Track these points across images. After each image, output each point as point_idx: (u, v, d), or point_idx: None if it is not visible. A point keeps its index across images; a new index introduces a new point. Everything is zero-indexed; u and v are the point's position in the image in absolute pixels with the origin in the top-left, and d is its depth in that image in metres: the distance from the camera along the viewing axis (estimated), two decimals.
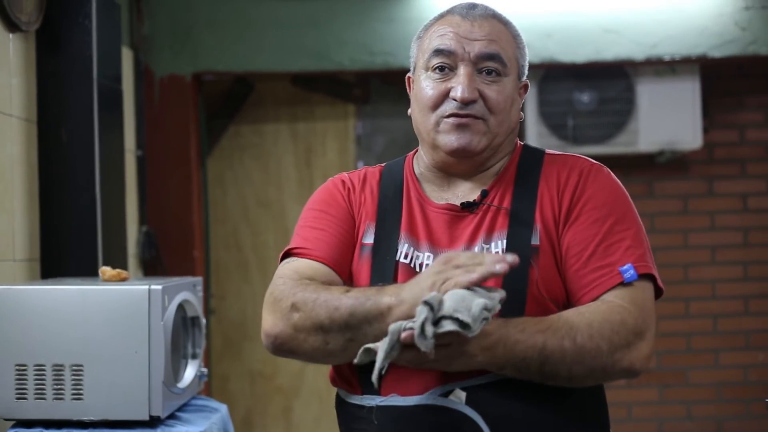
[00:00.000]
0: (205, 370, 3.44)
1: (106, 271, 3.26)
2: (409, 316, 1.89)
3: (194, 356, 3.40)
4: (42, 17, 3.81)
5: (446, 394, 2.06)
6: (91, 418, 3.03)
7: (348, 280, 2.21)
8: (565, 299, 2.13)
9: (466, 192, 2.27)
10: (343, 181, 2.36)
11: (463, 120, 2.21)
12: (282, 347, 2.09)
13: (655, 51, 5.16)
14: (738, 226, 5.67)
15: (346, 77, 5.57)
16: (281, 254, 2.27)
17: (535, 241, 2.16)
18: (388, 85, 5.62)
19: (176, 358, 3.22)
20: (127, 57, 4.81)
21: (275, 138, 5.64)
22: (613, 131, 5.36)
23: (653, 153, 5.49)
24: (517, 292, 2.08)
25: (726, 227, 5.67)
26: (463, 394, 2.05)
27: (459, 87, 2.20)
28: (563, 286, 2.14)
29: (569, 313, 2.04)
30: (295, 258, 2.22)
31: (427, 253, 2.21)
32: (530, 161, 2.30)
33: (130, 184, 4.69)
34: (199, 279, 3.52)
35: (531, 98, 5.33)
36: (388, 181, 2.35)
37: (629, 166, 5.57)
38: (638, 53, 5.16)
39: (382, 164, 2.42)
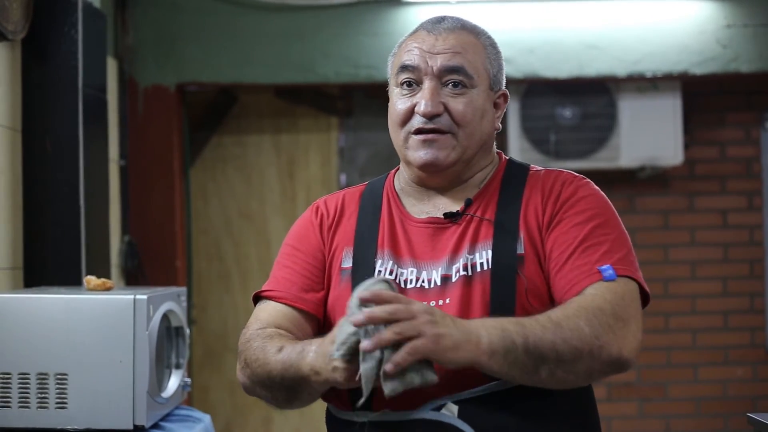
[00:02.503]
0: (188, 380, 3.43)
1: (90, 280, 3.25)
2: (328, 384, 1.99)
3: (178, 366, 3.39)
4: (28, 27, 3.81)
5: (439, 408, 2.05)
6: (76, 427, 3.02)
7: (322, 312, 2.27)
8: (551, 305, 2.13)
9: (446, 205, 2.27)
10: (318, 209, 2.37)
11: (429, 136, 2.21)
12: (248, 394, 2.24)
13: (637, 67, 5.19)
14: (718, 241, 5.70)
15: (329, 90, 5.59)
16: (253, 295, 2.35)
17: (520, 249, 2.15)
18: (371, 99, 5.64)
19: (160, 368, 3.22)
20: (112, 67, 4.81)
21: (258, 150, 5.65)
22: (595, 147, 5.39)
23: (634, 168, 5.52)
24: (505, 302, 2.10)
25: (706, 243, 5.70)
26: (455, 408, 2.05)
27: (422, 101, 2.20)
28: (548, 291, 2.15)
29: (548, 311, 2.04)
30: (265, 301, 2.30)
31: (410, 269, 2.21)
32: (515, 174, 2.30)
33: (113, 194, 4.69)
34: (183, 289, 3.52)
35: (513, 113, 5.35)
36: (367, 202, 2.35)
37: (611, 181, 5.59)
38: (620, 69, 5.20)
39: (365, 183, 2.43)
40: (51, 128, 3.89)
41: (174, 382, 3.35)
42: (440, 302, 2.14)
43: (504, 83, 2.33)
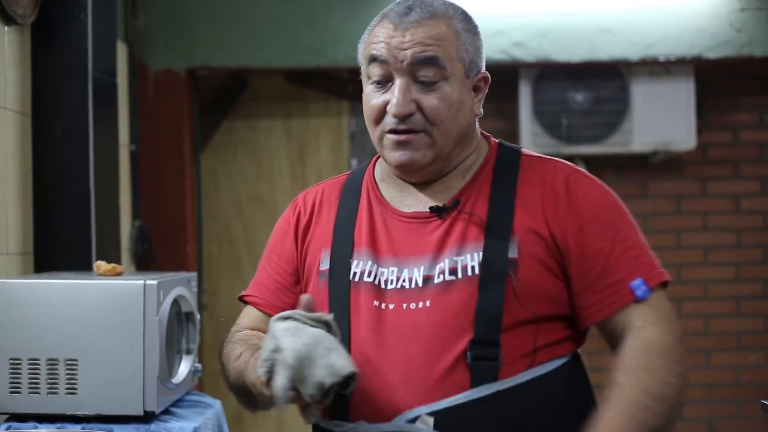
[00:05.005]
0: (199, 365, 3.43)
1: (101, 265, 3.24)
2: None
3: (188, 352, 3.38)
4: (38, 10, 3.79)
5: (414, 420, 2.00)
6: (85, 412, 3.01)
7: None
8: (555, 311, 2.07)
9: (430, 197, 2.18)
10: (297, 206, 2.33)
11: (402, 137, 2.10)
12: None
13: (650, 51, 5.16)
14: (731, 227, 5.67)
15: (340, 74, 5.56)
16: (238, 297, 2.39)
17: (513, 253, 2.05)
18: None
19: (170, 354, 3.21)
20: (121, 51, 4.79)
21: (268, 134, 5.63)
22: (607, 131, 5.36)
23: (647, 153, 5.49)
24: (493, 311, 2.02)
25: (719, 228, 5.67)
26: (430, 420, 1.99)
27: (393, 101, 2.09)
28: (552, 296, 2.07)
29: (627, 380, 1.99)
30: (246, 305, 2.35)
31: (391, 268, 2.12)
32: (506, 163, 2.18)
33: (123, 179, 4.68)
34: (193, 275, 3.50)
35: (525, 97, 5.32)
36: (347, 195, 2.27)
37: (623, 166, 5.57)
38: (633, 53, 5.16)
39: (348, 172, 2.36)
40: (61, 113, 3.88)
41: (184, 367, 3.34)
42: (420, 305, 2.06)
43: (483, 64, 2.20)
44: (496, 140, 2.26)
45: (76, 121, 3.89)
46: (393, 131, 2.11)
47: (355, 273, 2.14)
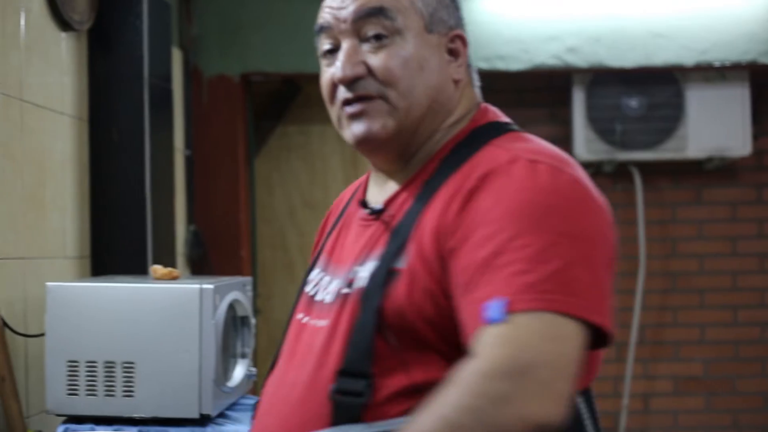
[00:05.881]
0: (254, 369, 3.43)
1: (157, 269, 3.26)
2: None
3: (243, 356, 3.39)
4: (94, 17, 3.83)
5: None
6: (142, 415, 3.03)
7: None
8: (434, 340, 1.65)
9: (391, 192, 1.85)
10: (331, 206, 2.14)
11: (356, 107, 1.78)
12: None
13: (705, 57, 5.12)
14: None
15: None
16: None
17: (401, 263, 1.68)
18: None
19: (226, 358, 3.22)
20: (176, 57, 4.83)
21: (322, 139, 5.64)
22: (661, 137, 5.33)
23: (702, 159, 5.45)
24: (363, 332, 1.67)
25: None
26: None
27: (337, 64, 1.79)
28: (432, 321, 1.64)
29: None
30: None
31: (327, 277, 1.86)
32: (463, 150, 1.78)
33: (178, 184, 4.71)
34: (248, 279, 3.52)
35: (579, 103, 5.30)
36: (348, 198, 2.03)
37: (677, 172, 5.53)
38: (688, 59, 5.13)
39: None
40: (117, 118, 3.92)
41: (240, 371, 3.35)
42: (322, 323, 1.78)
43: (456, 22, 1.86)
44: (495, 119, 1.86)
45: (132, 127, 3.93)
46: (345, 102, 1.80)
47: (309, 283, 1.91)
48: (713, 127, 5.33)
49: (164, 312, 3.04)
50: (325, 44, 1.83)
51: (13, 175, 3.26)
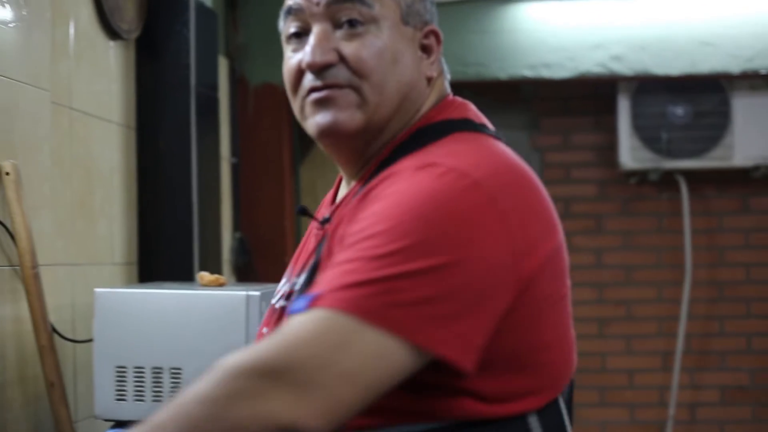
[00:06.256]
0: None
1: (204, 276, 3.28)
2: None
3: None
4: (142, 26, 3.87)
5: None
6: None
7: None
8: None
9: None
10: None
11: (323, 93, 1.65)
12: None
13: (751, 64, 5.08)
14: None
15: None
16: None
17: (318, 275, 1.60)
18: (479, 96, 5.55)
19: None
20: (222, 66, 4.86)
21: None
22: (708, 145, 5.30)
23: (748, 168, 5.42)
24: None
25: None
26: None
27: (307, 50, 1.67)
28: None
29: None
30: None
31: (285, 287, 1.79)
32: (398, 153, 1.67)
33: (224, 191, 4.74)
34: None
35: (624, 111, 5.29)
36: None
37: (724, 180, 5.50)
38: (734, 66, 5.09)
39: None
40: (164, 126, 3.94)
41: None
42: (264, 330, 1.76)
43: (431, 17, 1.77)
44: (449, 116, 1.74)
45: (179, 135, 3.96)
46: (312, 89, 1.67)
47: (276, 294, 1.83)
48: (760, 135, 5.30)
49: (211, 318, 3.05)
50: (291, 27, 1.72)
51: (62, 182, 3.30)
